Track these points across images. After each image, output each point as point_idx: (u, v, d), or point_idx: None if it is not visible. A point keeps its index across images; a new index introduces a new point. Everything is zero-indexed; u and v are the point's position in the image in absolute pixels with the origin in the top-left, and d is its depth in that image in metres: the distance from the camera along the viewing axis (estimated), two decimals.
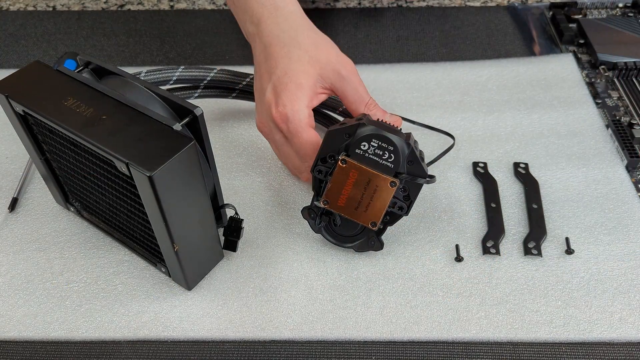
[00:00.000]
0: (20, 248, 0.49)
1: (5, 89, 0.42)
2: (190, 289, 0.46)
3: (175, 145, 0.37)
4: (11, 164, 0.56)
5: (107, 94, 0.41)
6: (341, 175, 0.43)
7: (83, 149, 0.41)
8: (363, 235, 0.46)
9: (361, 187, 0.43)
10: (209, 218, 0.43)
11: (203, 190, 0.41)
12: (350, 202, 0.44)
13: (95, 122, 0.39)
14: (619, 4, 0.73)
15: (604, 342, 0.43)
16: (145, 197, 0.38)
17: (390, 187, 0.42)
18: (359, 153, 0.43)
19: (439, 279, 0.46)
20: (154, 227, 0.41)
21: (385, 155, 0.42)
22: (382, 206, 0.43)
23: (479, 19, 0.73)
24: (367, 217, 0.44)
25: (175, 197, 0.38)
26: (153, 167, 0.36)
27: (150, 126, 0.39)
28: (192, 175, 0.39)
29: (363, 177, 0.43)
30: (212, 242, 0.45)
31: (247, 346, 0.43)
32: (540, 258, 0.47)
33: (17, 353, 0.43)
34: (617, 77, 0.64)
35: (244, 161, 0.56)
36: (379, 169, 0.42)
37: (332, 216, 0.46)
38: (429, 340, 0.43)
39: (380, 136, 0.42)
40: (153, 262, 0.46)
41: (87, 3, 0.79)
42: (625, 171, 0.54)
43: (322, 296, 0.45)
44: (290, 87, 0.46)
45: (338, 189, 0.44)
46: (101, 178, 0.42)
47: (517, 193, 0.52)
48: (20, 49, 0.70)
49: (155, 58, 0.68)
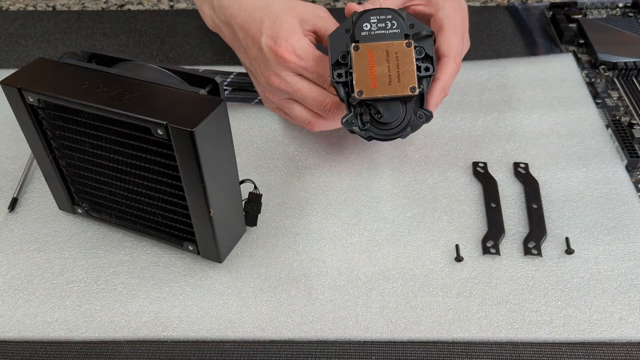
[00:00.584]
0: (20, 248, 0.49)
1: (16, 82, 0.42)
2: (221, 262, 0.46)
3: (208, 105, 0.39)
4: (11, 164, 0.56)
5: (124, 75, 0.42)
6: (360, 61, 0.44)
7: (106, 129, 0.41)
8: (408, 114, 0.46)
9: (383, 62, 0.44)
10: (237, 185, 0.44)
11: (233, 153, 0.42)
12: (382, 80, 0.44)
13: (121, 97, 0.40)
14: (619, 4, 0.73)
15: (604, 342, 0.43)
16: (183, 158, 0.39)
17: (408, 48, 0.44)
18: (365, 35, 0.44)
19: (439, 279, 0.46)
20: (188, 193, 0.41)
21: (388, 25, 0.44)
22: (411, 69, 0.44)
23: (479, 19, 0.73)
24: (403, 86, 0.44)
25: (211, 156, 0.39)
26: (194, 124, 0.37)
27: (177, 94, 0.40)
28: (225, 135, 0.41)
29: (380, 53, 0.44)
30: (238, 212, 0.46)
31: (247, 346, 0.43)
32: (540, 258, 0.47)
33: (17, 353, 0.43)
34: (617, 77, 0.64)
35: (244, 161, 0.56)
36: (389, 38, 0.44)
37: (372, 110, 0.45)
38: (429, 340, 0.43)
39: (376, 10, 0.44)
40: (178, 243, 0.47)
41: (87, 3, 0.79)
42: (625, 171, 0.54)
43: (322, 296, 0.45)
44: (285, 27, 0.48)
45: (364, 74, 0.44)
46: (124, 160, 0.43)
47: (517, 193, 0.52)
48: (20, 49, 0.70)
49: (155, 58, 0.68)
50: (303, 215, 0.51)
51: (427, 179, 0.54)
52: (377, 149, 0.56)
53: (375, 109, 0.45)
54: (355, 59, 0.44)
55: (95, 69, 0.43)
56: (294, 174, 0.55)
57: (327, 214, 0.51)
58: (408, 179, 0.54)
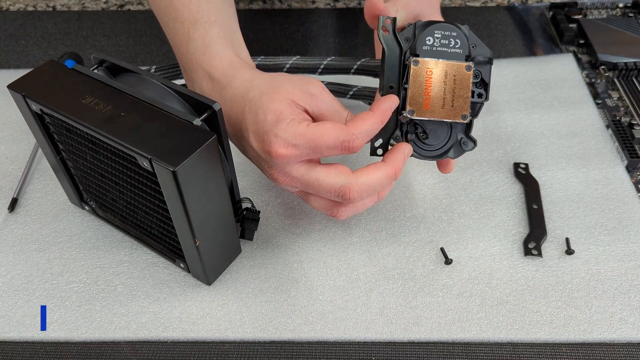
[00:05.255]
0: (20, 248, 0.49)
1: (21, 89, 0.42)
2: (210, 284, 0.46)
3: (197, 140, 0.37)
4: (11, 164, 0.56)
5: (125, 91, 0.41)
6: (417, 78, 0.42)
7: (102, 146, 0.41)
8: (452, 138, 0.44)
9: (440, 83, 0.42)
10: (228, 213, 0.43)
11: (223, 185, 0.41)
12: (435, 102, 0.42)
13: (115, 118, 0.39)
14: (619, 4, 0.73)
15: (604, 342, 0.43)
16: (167, 192, 0.38)
17: (467, 72, 0.42)
18: (426, 50, 0.42)
19: (439, 279, 0.46)
20: (175, 222, 0.41)
21: (451, 43, 0.42)
22: (466, 95, 0.42)
23: (479, 19, 0.73)
24: (455, 112, 0.42)
25: (197, 191, 0.38)
26: (176, 162, 0.36)
27: (170, 122, 0.39)
28: (213, 170, 0.39)
29: (439, 72, 0.42)
30: (231, 237, 0.46)
31: (247, 347, 0.43)
32: (541, 258, 0.47)
33: (16, 353, 0.43)
34: (617, 77, 0.64)
35: (244, 161, 0.56)
36: (450, 57, 0.42)
37: (418, 129, 0.44)
38: (429, 340, 0.43)
39: (441, 25, 0.42)
40: (172, 258, 0.47)
41: (87, 3, 0.79)
42: (626, 171, 0.54)
43: (322, 297, 0.45)
44: (269, 118, 0.39)
45: (418, 92, 0.42)
46: (120, 176, 0.42)
47: (517, 193, 0.52)
48: (20, 49, 0.70)
49: (155, 58, 0.68)
50: (303, 215, 0.51)
51: (427, 179, 0.54)
52: None
53: (422, 129, 0.43)
54: (413, 74, 0.42)
55: (99, 80, 0.42)
56: None
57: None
58: (408, 179, 0.54)
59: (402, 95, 0.42)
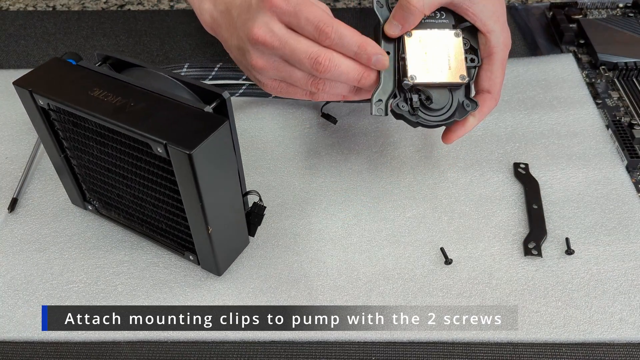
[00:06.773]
0: (20, 248, 0.49)
1: (28, 84, 0.42)
2: (220, 275, 0.46)
3: (210, 125, 0.38)
4: (11, 164, 0.56)
5: (133, 84, 0.41)
6: (413, 47, 0.45)
7: (111, 138, 0.41)
8: (455, 103, 0.46)
9: (435, 49, 0.45)
10: (239, 201, 0.44)
11: (235, 171, 0.42)
12: (433, 66, 0.45)
13: (125, 108, 0.39)
14: (619, 4, 0.73)
15: (604, 342, 0.43)
16: (182, 177, 0.38)
17: (457, 38, 0.46)
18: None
19: (439, 279, 0.46)
20: (187, 209, 0.41)
21: (437, 15, 0.46)
22: (460, 58, 0.46)
23: None
24: (454, 74, 0.45)
25: (210, 176, 0.39)
26: (192, 146, 0.36)
27: (181, 109, 0.39)
28: (226, 155, 0.40)
29: (432, 40, 0.45)
30: (240, 226, 0.46)
31: (247, 347, 0.43)
32: (541, 258, 0.47)
33: (16, 354, 0.43)
34: (617, 77, 0.64)
35: (244, 161, 0.56)
36: (439, 27, 0.46)
37: (421, 96, 0.45)
38: (429, 340, 0.43)
39: None
40: (180, 251, 0.47)
41: (87, 3, 0.79)
42: (626, 172, 0.54)
43: (322, 296, 0.45)
44: None
45: (417, 59, 0.45)
46: (129, 168, 0.43)
47: (517, 193, 0.52)
48: (20, 49, 0.70)
49: (155, 58, 0.68)
50: (303, 215, 0.51)
51: (427, 179, 0.54)
52: (377, 149, 0.56)
53: (426, 95, 0.45)
54: (409, 44, 0.45)
55: (106, 74, 0.42)
56: (294, 174, 0.55)
57: (327, 214, 0.51)
58: (408, 179, 0.54)
59: (400, 66, 0.45)
